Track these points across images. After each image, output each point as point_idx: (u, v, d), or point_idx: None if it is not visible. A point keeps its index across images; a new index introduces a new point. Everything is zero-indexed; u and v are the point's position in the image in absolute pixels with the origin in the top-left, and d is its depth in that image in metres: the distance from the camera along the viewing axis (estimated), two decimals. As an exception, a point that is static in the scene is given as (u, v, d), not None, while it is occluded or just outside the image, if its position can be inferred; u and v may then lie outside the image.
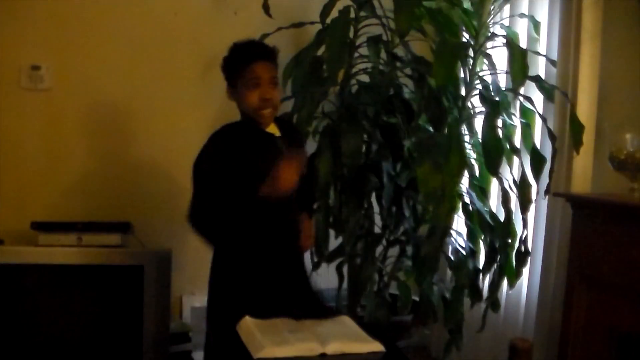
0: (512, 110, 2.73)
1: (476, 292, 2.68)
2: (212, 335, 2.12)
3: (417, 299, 2.78)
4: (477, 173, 2.77)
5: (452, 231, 2.79)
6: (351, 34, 2.78)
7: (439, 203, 2.42)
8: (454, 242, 2.80)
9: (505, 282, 2.68)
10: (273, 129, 2.13)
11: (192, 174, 2.06)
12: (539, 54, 2.70)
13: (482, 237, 2.68)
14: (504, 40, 2.68)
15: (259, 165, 1.99)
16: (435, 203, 2.42)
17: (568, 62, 2.48)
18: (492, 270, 2.63)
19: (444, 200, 2.42)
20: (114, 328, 2.59)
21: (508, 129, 2.66)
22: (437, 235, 2.53)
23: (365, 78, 2.88)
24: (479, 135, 2.65)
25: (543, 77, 2.65)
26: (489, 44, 2.75)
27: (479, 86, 2.71)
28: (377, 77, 2.81)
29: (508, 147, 2.55)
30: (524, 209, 2.46)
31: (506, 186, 2.53)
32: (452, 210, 2.53)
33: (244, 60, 2.05)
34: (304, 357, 1.67)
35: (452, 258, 2.75)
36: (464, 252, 2.74)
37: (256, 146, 2.06)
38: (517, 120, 2.70)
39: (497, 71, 2.74)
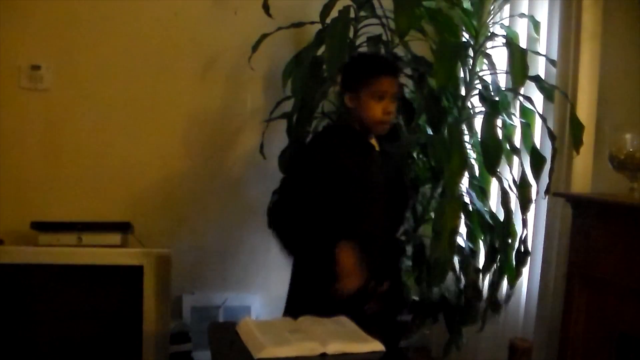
0: (512, 110, 2.73)
1: (476, 292, 2.68)
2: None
3: (417, 298, 2.78)
4: (477, 173, 2.77)
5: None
6: (351, 34, 2.78)
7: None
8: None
9: (505, 282, 2.68)
10: (374, 142, 2.18)
11: (287, 167, 2.12)
12: (539, 54, 2.70)
13: (482, 237, 2.68)
14: (504, 40, 2.68)
15: (353, 172, 2.06)
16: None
17: (568, 62, 2.48)
18: (492, 270, 2.63)
19: (449, 200, 2.43)
20: (114, 328, 2.59)
21: (508, 129, 2.66)
22: (444, 237, 2.47)
23: (365, 78, 2.87)
24: (479, 135, 2.65)
25: (543, 77, 2.65)
26: (489, 44, 2.75)
27: (479, 86, 2.71)
28: (377, 77, 2.80)
29: (508, 147, 2.55)
30: (524, 209, 2.46)
31: (506, 186, 2.53)
32: (459, 210, 2.52)
33: (374, 72, 2.09)
34: (305, 357, 1.67)
35: (457, 258, 2.74)
36: (465, 252, 2.74)
37: (357, 153, 2.11)
38: (517, 120, 2.70)
39: (497, 71, 2.74)
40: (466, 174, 2.72)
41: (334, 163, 2.06)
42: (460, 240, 2.79)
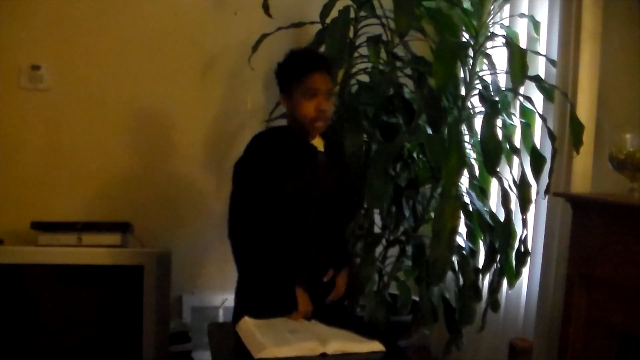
0: (512, 110, 2.73)
1: (476, 292, 2.68)
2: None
3: (417, 298, 2.78)
4: (476, 173, 2.77)
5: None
6: (351, 34, 2.78)
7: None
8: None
9: (505, 282, 2.68)
10: (317, 142, 2.15)
11: (233, 175, 2.10)
12: (538, 54, 2.70)
13: (482, 237, 2.68)
14: (504, 40, 2.68)
15: (296, 176, 2.04)
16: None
17: (568, 62, 2.48)
18: (492, 270, 2.63)
19: (449, 200, 2.42)
20: (114, 328, 2.59)
21: (508, 129, 2.66)
22: (444, 237, 2.46)
23: (365, 78, 2.88)
24: (479, 135, 2.65)
25: (543, 77, 2.65)
26: (488, 44, 2.75)
27: (479, 86, 2.71)
28: (377, 77, 2.81)
29: (508, 147, 2.55)
30: (524, 209, 2.46)
31: (506, 186, 2.52)
32: (458, 210, 2.52)
33: (303, 70, 2.04)
34: (305, 357, 1.68)
35: (456, 258, 2.75)
36: (465, 252, 2.74)
37: (297, 156, 2.08)
38: (517, 120, 2.70)
39: (497, 71, 2.73)
40: (466, 174, 2.73)
41: (267, 168, 2.02)
42: (460, 240, 2.79)
